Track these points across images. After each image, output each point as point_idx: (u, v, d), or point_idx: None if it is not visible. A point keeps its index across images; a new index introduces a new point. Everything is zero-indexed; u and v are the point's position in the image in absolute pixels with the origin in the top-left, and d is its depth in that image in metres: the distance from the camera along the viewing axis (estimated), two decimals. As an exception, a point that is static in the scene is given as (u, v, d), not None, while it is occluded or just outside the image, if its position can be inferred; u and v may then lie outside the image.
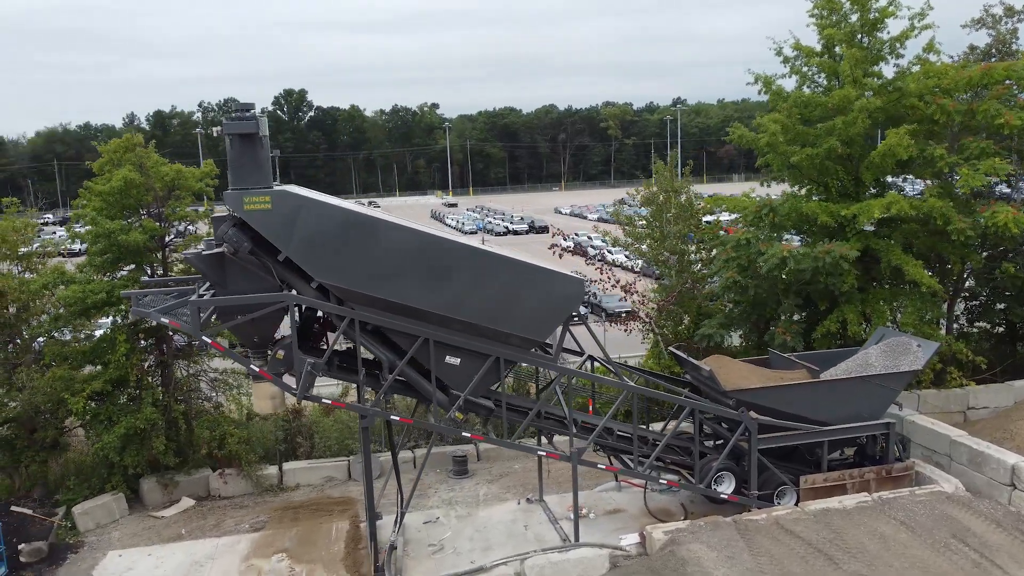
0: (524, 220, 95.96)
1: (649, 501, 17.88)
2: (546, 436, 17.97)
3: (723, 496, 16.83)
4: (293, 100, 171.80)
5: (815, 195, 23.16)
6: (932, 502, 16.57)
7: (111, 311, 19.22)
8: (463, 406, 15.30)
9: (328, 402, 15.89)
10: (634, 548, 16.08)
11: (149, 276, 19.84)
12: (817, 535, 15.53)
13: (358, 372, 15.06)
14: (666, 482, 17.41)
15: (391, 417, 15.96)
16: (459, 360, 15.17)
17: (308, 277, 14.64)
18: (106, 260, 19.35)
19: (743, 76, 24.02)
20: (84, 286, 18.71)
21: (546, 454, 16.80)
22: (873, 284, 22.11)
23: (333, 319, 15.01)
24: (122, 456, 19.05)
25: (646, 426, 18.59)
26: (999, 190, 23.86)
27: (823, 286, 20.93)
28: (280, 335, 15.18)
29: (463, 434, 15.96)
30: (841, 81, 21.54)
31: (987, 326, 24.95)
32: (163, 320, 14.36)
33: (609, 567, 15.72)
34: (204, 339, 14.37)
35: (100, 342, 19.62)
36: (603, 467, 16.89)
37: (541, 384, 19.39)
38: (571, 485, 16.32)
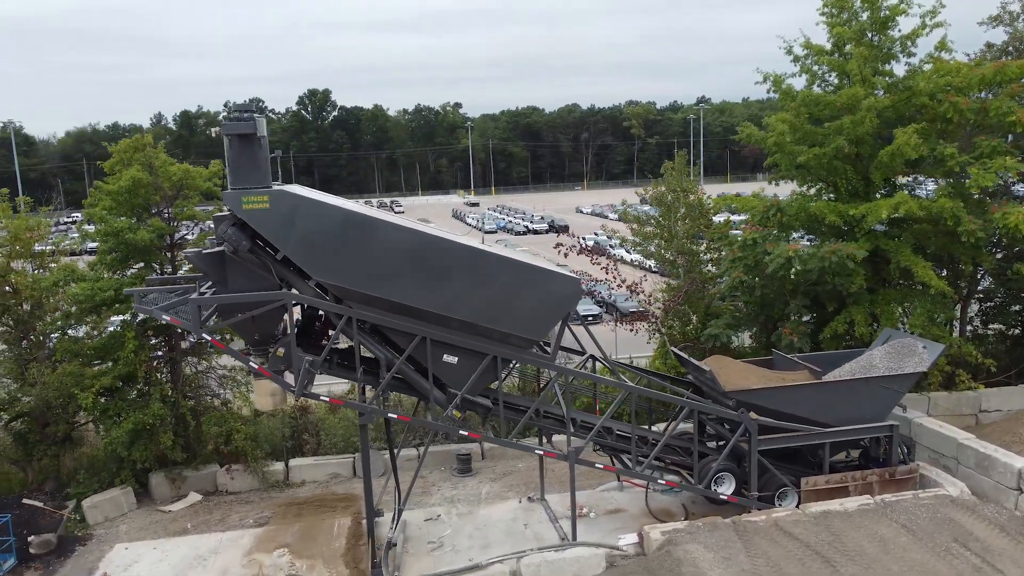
0: (544, 219, 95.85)
1: (650, 501, 17.83)
2: (546, 435, 18.01)
3: (722, 497, 16.76)
4: (317, 100, 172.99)
5: (825, 195, 22.96)
6: (935, 505, 16.38)
7: (120, 308, 19.55)
8: (461, 404, 15.41)
9: (326, 399, 16.06)
10: (632, 548, 16.09)
11: (159, 274, 20.17)
12: (816, 537, 15.42)
13: (356, 370, 15.20)
14: (665, 482, 17.38)
15: (389, 415, 16.07)
16: (456, 359, 15.26)
17: (307, 275, 14.81)
18: (115, 258, 19.73)
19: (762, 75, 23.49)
20: (93, 283, 19.10)
21: (544, 453, 16.84)
22: (883, 285, 21.86)
23: (332, 317, 15.17)
24: (130, 451, 19.40)
25: (648, 426, 18.54)
26: (1016, 190, 23.51)
27: (831, 287, 20.76)
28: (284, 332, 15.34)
29: (460, 432, 16.03)
30: (851, 80, 21.33)
31: (1003, 328, 24.56)
32: (164, 317, 14.59)
33: (606, 566, 15.74)
34: (204, 336, 14.59)
35: (110, 339, 19.98)
36: (601, 467, 16.89)
37: (543, 383, 19.42)
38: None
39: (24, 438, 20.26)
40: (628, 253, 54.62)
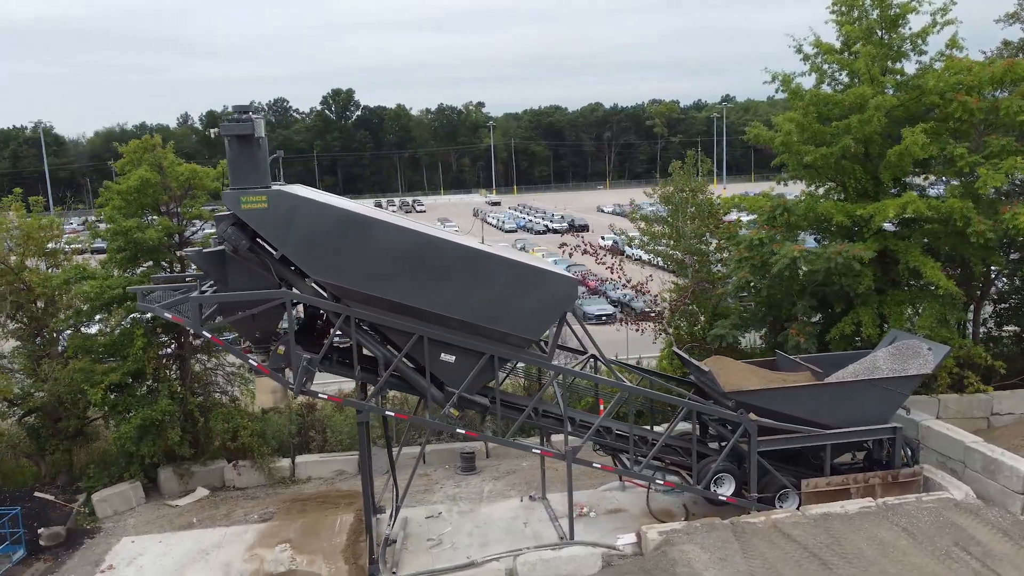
0: (564, 219, 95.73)
1: (652, 501, 17.80)
2: (545, 435, 18.05)
3: (721, 498, 16.69)
4: (341, 100, 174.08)
5: (834, 195, 22.73)
6: (938, 509, 16.19)
7: (130, 306, 19.87)
8: (458, 402, 15.50)
9: (324, 397, 16.22)
10: (630, 548, 16.09)
11: (168, 272, 20.48)
12: (814, 539, 15.32)
13: (354, 368, 15.35)
14: (663, 483, 17.34)
15: (387, 413, 16.20)
16: (454, 357, 15.36)
17: (306, 274, 14.98)
18: (124, 257, 20.09)
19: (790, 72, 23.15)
20: (102, 281, 19.45)
21: (541, 452, 16.89)
22: (893, 286, 21.61)
23: (330, 316, 15.33)
24: (139, 446, 19.75)
25: (650, 427, 18.50)
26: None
27: (838, 287, 20.56)
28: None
29: (458, 430, 16.12)
30: (859, 79, 21.12)
31: (1017, 330, 24.15)
32: (166, 315, 14.84)
33: (602, 566, 15.76)
34: (204, 334, 14.81)
35: (120, 336, 20.33)
36: (598, 466, 16.90)
37: (544, 383, 19.43)
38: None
39: (37, 432, 20.71)
40: (644, 254, 54.63)
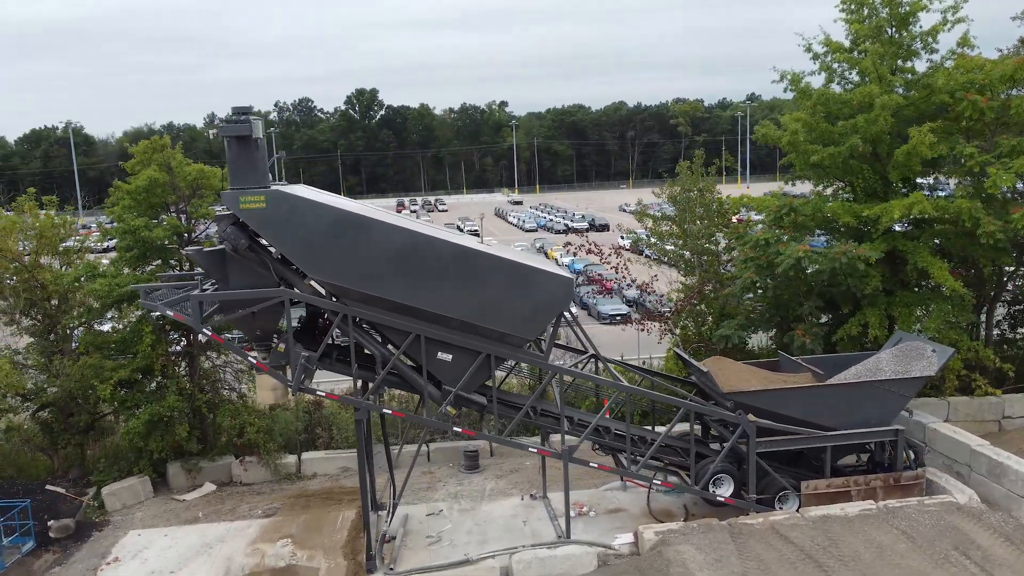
0: (584, 218, 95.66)
1: (652, 502, 17.79)
2: (544, 433, 18.10)
3: (719, 499, 16.64)
4: (365, 99, 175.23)
5: (842, 195, 22.53)
6: (940, 512, 16.02)
7: (139, 304, 20.22)
8: (455, 401, 15.61)
9: (322, 394, 16.41)
10: (627, 548, 16.10)
11: (178, 271, 20.79)
12: (812, 542, 15.22)
13: (351, 366, 15.51)
14: (661, 483, 17.32)
15: (383, 411, 16.35)
16: (451, 356, 15.47)
17: (304, 273, 15.16)
18: (133, 256, 20.44)
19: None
20: (111, 280, 19.81)
21: (538, 451, 16.94)
22: (901, 287, 21.37)
23: (329, 315, 15.50)
24: (147, 441, 20.09)
25: (652, 427, 18.48)
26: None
27: (846, 288, 20.38)
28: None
29: (454, 429, 16.22)
30: (868, 78, 20.91)
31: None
32: (168, 313, 15.10)
33: (598, 565, 15.79)
34: (205, 331, 15.05)
35: (130, 333, 20.70)
36: (595, 465, 16.91)
37: (542, 382, 19.48)
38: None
39: (49, 427, 21.13)
40: (653, 253, 54.44)
